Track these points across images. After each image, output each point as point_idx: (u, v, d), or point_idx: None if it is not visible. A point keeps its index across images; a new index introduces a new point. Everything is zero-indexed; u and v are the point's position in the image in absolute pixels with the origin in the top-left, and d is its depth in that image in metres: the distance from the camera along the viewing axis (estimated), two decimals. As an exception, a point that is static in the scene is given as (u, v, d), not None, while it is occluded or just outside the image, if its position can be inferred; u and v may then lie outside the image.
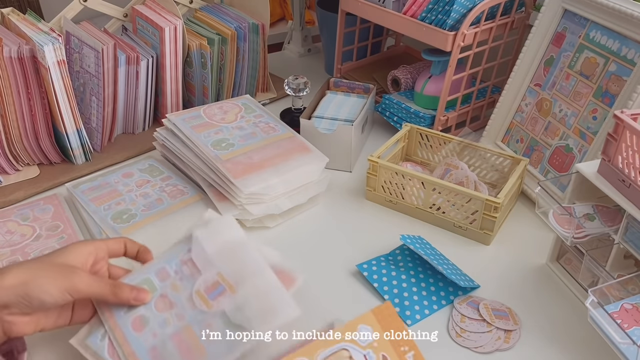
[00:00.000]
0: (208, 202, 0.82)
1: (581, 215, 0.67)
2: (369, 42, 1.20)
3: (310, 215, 0.86)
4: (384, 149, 0.88)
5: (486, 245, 0.80)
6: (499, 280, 0.74)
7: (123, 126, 1.02)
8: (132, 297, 0.56)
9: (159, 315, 0.56)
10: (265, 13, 1.07)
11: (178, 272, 0.58)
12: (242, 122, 0.90)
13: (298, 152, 0.86)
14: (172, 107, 1.03)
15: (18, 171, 0.92)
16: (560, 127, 0.86)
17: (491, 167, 0.90)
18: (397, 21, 0.96)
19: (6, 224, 0.79)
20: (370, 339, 0.50)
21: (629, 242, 0.62)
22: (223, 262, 0.57)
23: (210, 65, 1.01)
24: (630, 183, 0.60)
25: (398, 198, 0.85)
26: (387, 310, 0.51)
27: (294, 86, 0.97)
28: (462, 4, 0.87)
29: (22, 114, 0.89)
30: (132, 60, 0.94)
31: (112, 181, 0.86)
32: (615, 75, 0.78)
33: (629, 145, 0.60)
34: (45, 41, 0.83)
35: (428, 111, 1.00)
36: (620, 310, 0.59)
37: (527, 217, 0.85)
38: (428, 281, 0.73)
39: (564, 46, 0.86)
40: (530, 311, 0.70)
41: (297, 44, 1.41)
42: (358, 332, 0.50)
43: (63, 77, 0.86)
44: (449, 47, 0.90)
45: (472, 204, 0.78)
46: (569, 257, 0.75)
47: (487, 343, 0.65)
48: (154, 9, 0.99)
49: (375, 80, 1.15)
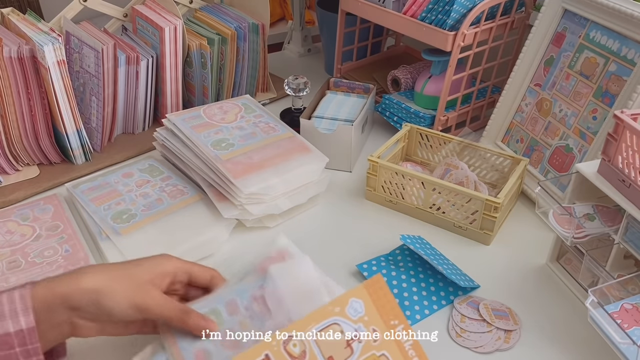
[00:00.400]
0: (208, 202, 0.82)
1: (581, 215, 0.67)
2: (369, 42, 1.20)
3: (310, 215, 0.86)
4: (384, 149, 0.88)
5: (486, 245, 0.80)
6: (499, 280, 0.74)
7: (123, 126, 1.02)
8: (200, 327, 0.52)
9: (223, 352, 0.52)
10: (265, 13, 1.07)
11: (248, 308, 0.54)
12: (242, 122, 0.90)
13: (298, 152, 0.86)
14: (172, 107, 1.03)
15: (18, 171, 0.92)
16: (560, 127, 0.86)
17: (491, 167, 0.90)
18: (397, 21, 0.96)
19: (6, 224, 0.79)
20: (362, 312, 0.48)
21: (629, 242, 0.62)
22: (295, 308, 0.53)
23: (210, 65, 1.01)
24: (630, 183, 0.60)
25: (398, 198, 0.85)
26: (378, 284, 0.50)
27: (294, 86, 0.97)
28: (462, 4, 0.87)
29: (22, 114, 0.89)
30: (132, 60, 0.94)
31: (112, 181, 0.86)
32: (615, 75, 0.78)
33: (629, 145, 0.60)
34: (45, 41, 0.83)
35: (428, 111, 1.00)
36: (620, 310, 0.59)
37: (527, 217, 0.85)
38: (428, 281, 0.73)
39: (564, 46, 0.86)
40: (530, 311, 0.70)
41: (297, 44, 1.41)
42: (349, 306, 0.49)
43: (63, 77, 0.86)
44: (449, 47, 0.90)
45: (472, 204, 0.78)
46: (569, 257, 0.75)
47: (487, 343, 0.65)
48: (154, 9, 0.99)
49: (375, 80, 1.15)
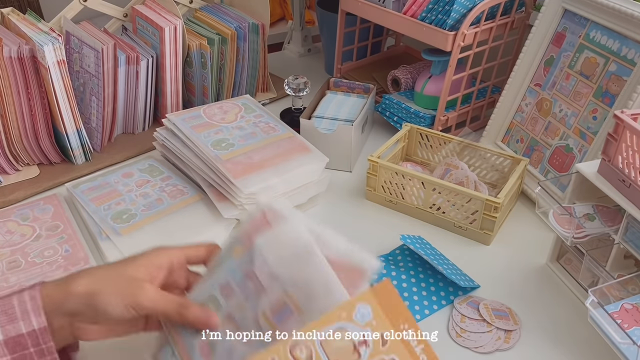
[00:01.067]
0: (208, 202, 0.82)
1: (581, 215, 0.67)
2: (369, 42, 1.20)
3: (310, 215, 0.86)
4: (384, 149, 0.88)
5: (486, 245, 0.80)
6: (499, 280, 0.74)
7: (123, 126, 1.02)
8: (201, 321, 0.51)
9: (226, 340, 0.50)
10: (265, 13, 1.07)
11: (242, 288, 0.52)
12: (242, 122, 0.90)
13: (298, 152, 0.86)
14: (172, 107, 1.03)
15: (18, 171, 0.92)
16: (561, 127, 0.86)
17: (491, 167, 0.90)
18: (397, 21, 0.96)
19: (6, 224, 0.79)
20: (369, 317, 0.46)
21: (629, 242, 0.62)
22: (288, 277, 0.50)
23: (210, 65, 1.01)
24: (630, 183, 0.60)
25: (398, 198, 0.85)
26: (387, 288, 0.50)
27: (294, 86, 0.97)
28: (462, 3, 0.87)
29: (22, 114, 0.89)
30: (132, 60, 0.94)
31: (112, 181, 0.86)
32: (615, 75, 0.78)
33: (629, 145, 0.60)
34: (45, 41, 0.83)
35: (428, 111, 1.00)
36: (621, 310, 0.59)
37: (527, 217, 0.85)
38: (428, 281, 0.73)
39: (564, 46, 0.86)
40: (530, 311, 0.70)
41: (297, 44, 1.41)
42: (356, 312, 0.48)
43: (63, 77, 0.86)
44: (449, 47, 0.90)
45: (472, 204, 0.78)
46: (569, 257, 0.75)
47: (487, 343, 0.65)
48: (154, 9, 0.99)
49: (375, 80, 1.15)
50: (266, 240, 0.51)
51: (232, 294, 0.52)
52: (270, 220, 0.52)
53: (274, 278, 0.50)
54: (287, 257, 0.50)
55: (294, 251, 0.50)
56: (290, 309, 0.48)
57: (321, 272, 0.48)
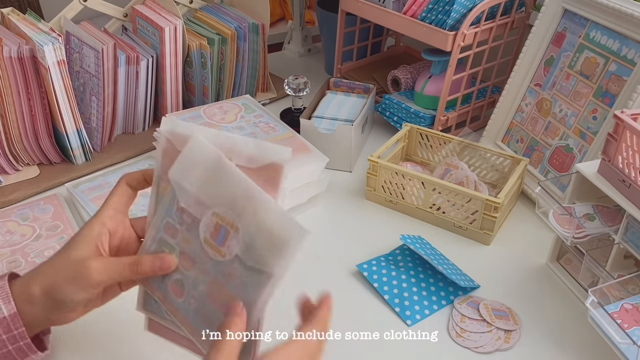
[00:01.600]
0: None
1: (581, 215, 0.67)
2: (369, 42, 1.20)
3: (310, 215, 0.86)
4: (384, 149, 0.88)
5: (486, 245, 0.80)
6: (499, 280, 0.74)
7: (123, 126, 1.02)
8: (157, 267, 0.52)
9: (188, 275, 0.51)
10: (265, 13, 1.07)
11: (181, 223, 0.52)
12: (242, 122, 0.90)
13: (298, 152, 0.86)
14: (172, 107, 1.03)
15: (18, 171, 0.92)
16: (561, 127, 0.86)
17: (491, 167, 0.90)
18: (397, 21, 0.96)
19: (6, 224, 0.79)
20: None
21: (629, 242, 0.62)
22: (210, 197, 0.50)
23: (210, 65, 1.01)
24: (630, 183, 0.60)
25: (398, 198, 0.85)
26: None
27: (294, 86, 0.97)
28: (462, 3, 0.87)
29: (22, 114, 0.89)
30: (132, 60, 0.94)
31: (112, 181, 0.86)
32: (615, 75, 0.78)
33: (629, 145, 0.60)
34: (45, 41, 0.83)
35: (428, 111, 1.00)
36: (620, 310, 0.59)
37: (527, 217, 0.85)
38: (428, 281, 0.73)
39: (564, 46, 0.86)
40: (530, 311, 0.70)
41: (297, 44, 1.41)
42: None
43: (63, 77, 0.86)
44: (449, 47, 0.90)
45: (472, 204, 0.78)
46: (569, 257, 0.75)
47: (487, 343, 0.65)
48: (154, 9, 0.99)
49: (375, 80, 1.15)
50: (177, 168, 0.51)
51: (176, 232, 0.52)
52: (177, 146, 0.52)
53: (200, 204, 0.50)
54: (201, 176, 0.50)
55: (205, 166, 0.50)
56: (226, 229, 0.49)
57: (237, 180, 0.49)
